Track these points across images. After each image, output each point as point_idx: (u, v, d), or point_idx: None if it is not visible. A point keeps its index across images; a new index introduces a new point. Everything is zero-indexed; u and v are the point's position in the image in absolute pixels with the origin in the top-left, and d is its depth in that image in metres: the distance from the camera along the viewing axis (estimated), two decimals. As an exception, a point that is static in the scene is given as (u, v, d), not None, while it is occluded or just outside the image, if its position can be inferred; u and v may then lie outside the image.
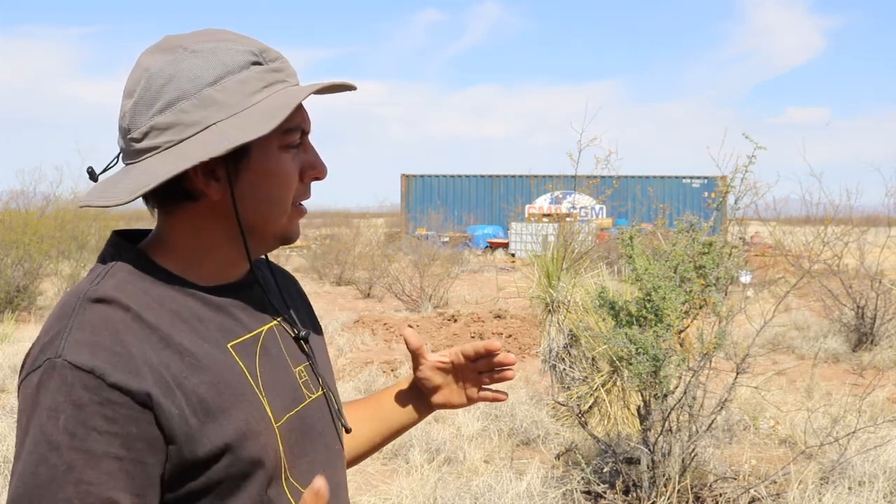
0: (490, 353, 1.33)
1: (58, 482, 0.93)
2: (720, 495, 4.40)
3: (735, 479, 4.70)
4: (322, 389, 1.21)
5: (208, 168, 1.05)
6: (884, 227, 10.15)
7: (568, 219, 8.24)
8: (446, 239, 22.21)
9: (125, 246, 1.10)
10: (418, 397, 1.42)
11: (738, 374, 4.32)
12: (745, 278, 9.67)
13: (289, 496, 1.09)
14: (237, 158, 1.06)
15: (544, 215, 18.09)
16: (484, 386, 1.38)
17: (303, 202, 1.14)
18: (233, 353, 1.07)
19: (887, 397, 6.77)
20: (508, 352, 1.34)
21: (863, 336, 9.17)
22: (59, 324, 0.99)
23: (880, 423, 5.46)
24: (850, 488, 4.43)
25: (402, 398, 1.42)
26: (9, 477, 1.10)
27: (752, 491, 4.43)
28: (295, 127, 1.08)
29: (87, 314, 0.99)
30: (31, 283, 11.86)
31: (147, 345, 0.99)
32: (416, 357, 1.37)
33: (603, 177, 6.56)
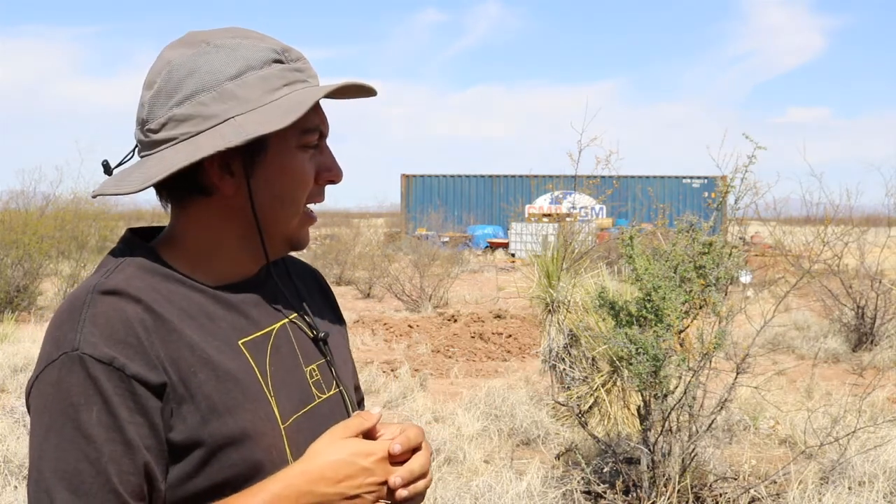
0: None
1: (103, 475, 0.94)
2: (720, 495, 4.40)
3: (735, 479, 4.69)
4: (337, 388, 1.19)
5: (224, 161, 1.06)
6: (884, 227, 10.16)
7: (568, 219, 8.24)
8: (446, 239, 22.22)
9: (137, 243, 1.10)
10: None
11: (738, 374, 4.31)
12: (745, 278, 9.67)
13: None
14: (254, 153, 1.06)
15: (544, 215, 18.08)
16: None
17: (312, 211, 1.15)
18: (244, 350, 1.07)
19: (887, 397, 6.77)
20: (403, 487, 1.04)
21: (863, 336, 9.17)
22: (72, 317, 0.99)
23: (880, 423, 5.46)
24: (850, 488, 4.42)
25: None
26: (21, 476, 1.08)
27: (752, 491, 4.43)
28: (313, 127, 1.09)
29: (99, 306, 0.99)
30: (31, 283, 11.85)
31: (157, 336, 1.00)
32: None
33: (603, 177, 6.56)
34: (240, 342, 1.07)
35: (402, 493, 1.03)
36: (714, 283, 4.06)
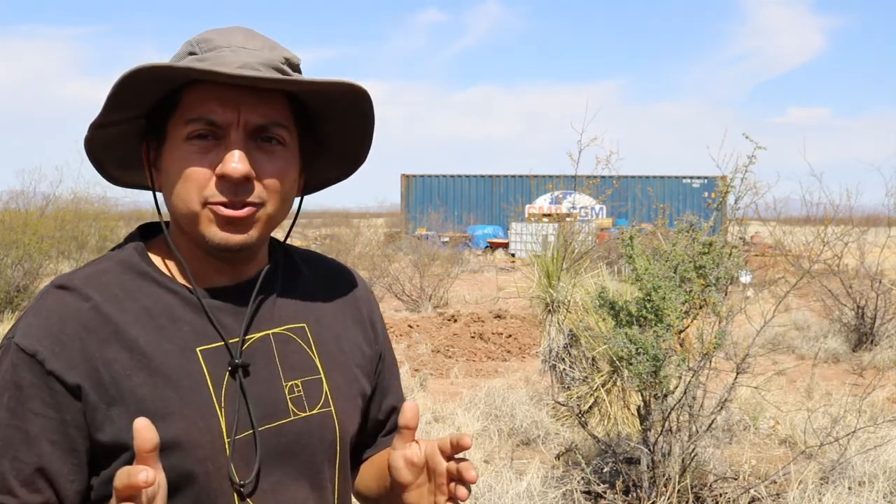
0: (456, 451, 1.06)
1: None
2: (720, 495, 4.40)
3: (735, 479, 4.69)
4: (325, 408, 1.13)
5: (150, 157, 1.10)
6: (884, 227, 10.15)
7: (568, 219, 8.24)
8: (446, 239, 22.21)
9: (134, 238, 1.12)
10: (394, 487, 1.14)
11: (738, 374, 4.31)
12: (745, 278, 9.67)
13: None
14: (159, 144, 1.07)
15: (544, 215, 18.07)
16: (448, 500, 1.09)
17: (224, 209, 1.03)
18: (200, 357, 1.04)
19: (887, 397, 6.77)
20: (474, 469, 1.06)
21: (863, 336, 9.16)
22: (29, 307, 1.04)
23: (880, 423, 5.46)
24: (850, 488, 4.42)
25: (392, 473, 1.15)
26: None
27: (752, 491, 4.43)
28: (196, 117, 1.03)
29: (48, 300, 1.03)
30: (31, 283, 11.84)
31: (94, 336, 1.00)
32: (399, 435, 1.10)
33: (603, 177, 6.56)
34: (198, 349, 1.05)
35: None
36: (714, 283, 4.06)
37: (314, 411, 1.12)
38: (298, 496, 1.10)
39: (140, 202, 22.64)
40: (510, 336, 9.60)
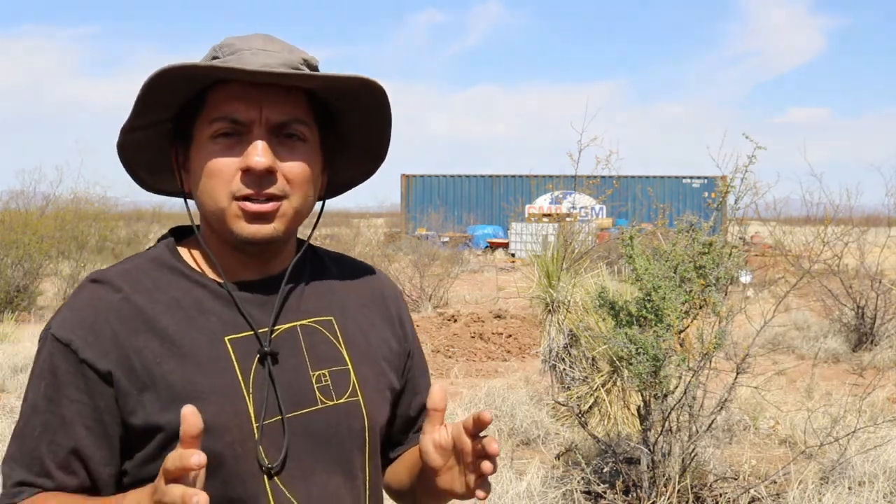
0: (478, 427, 1.07)
1: (35, 439, 1.05)
2: (720, 495, 4.40)
3: (735, 479, 4.69)
4: (353, 398, 1.16)
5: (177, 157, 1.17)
6: (884, 227, 10.15)
7: (568, 219, 8.24)
8: (446, 239, 22.21)
9: (166, 237, 1.20)
10: (426, 472, 1.17)
11: (738, 374, 4.31)
12: (745, 278, 9.66)
13: (270, 497, 1.08)
14: (187, 147, 1.13)
15: (544, 215, 18.06)
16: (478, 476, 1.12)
17: (250, 204, 1.08)
18: (228, 346, 1.09)
19: (887, 397, 6.77)
20: (495, 442, 1.08)
21: (863, 336, 9.16)
22: (67, 300, 1.12)
23: (880, 423, 5.46)
24: (850, 488, 4.42)
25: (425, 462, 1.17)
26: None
27: (752, 491, 4.43)
28: (220, 116, 1.08)
29: (83, 293, 1.10)
30: (31, 283, 11.85)
31: (126, 326, 1.06)
32: (428, 418, 1.13)
33: (603, 177, 6.56)
34: (226, 338, 1.10)
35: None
36: (714, 283, 4.05)
37: (342, 400, 1.15)
38: (330, 483, 1.13)
39: (140, 202, 22.64)
40: (510, 336, 9.60)
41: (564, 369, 5.68)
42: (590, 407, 5.66)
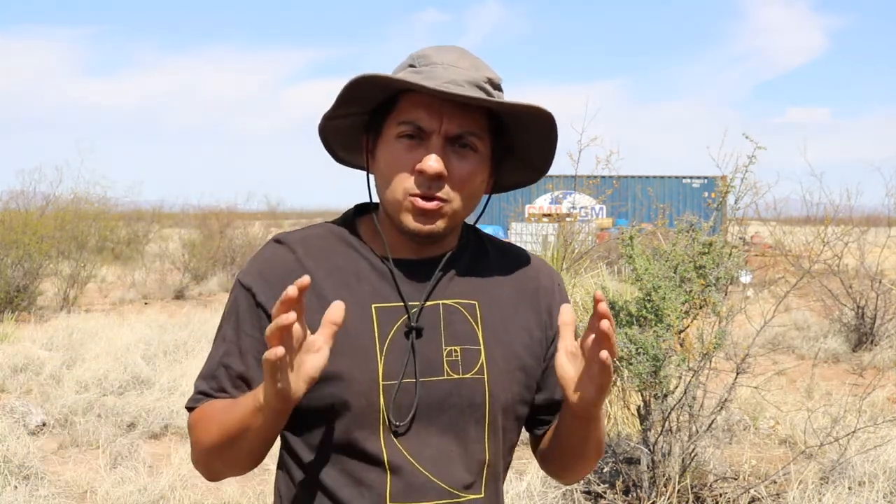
0: (599, 317, 1.14)
1: (217, 361, 1.29)
2: (720, 495, 4.40)
3: (735, 479, 4.70)
4: (479, 375, 1.27)
5: (367, 140, 1.34)
6: (884, 227, 10.15)
7: (568, 219, 8.24)
8: (446, 239, 22.12)
9: (348, 213, 1.38)
10: (564, 410, 1.31)
11: (738, 374, 4.31)
12: (745, 278, 9.65)
13: (384, 451, 1.22)
14: (377, 135, 1.30)
15: (544, 215, 18.04)
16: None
17: (419, 201, 1.23)
18: (373, 312, 1.26)
19: (887, 397, 6.77)
20: (607, 318, 1.13)
21: (863, 336, 9.16)
22: (254, 254, 1.35)
23: (880, 423, 5.45)
24: (850, 488, 4.42)
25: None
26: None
27: (752, 491, 4.43)
28: (407, 120, 1.24)
29: (266, 250, 1.33)
30: (31, 283, 11.83)
31: (293, 280, 1.15)
32: (559, 334, 1.23)
33: (603, 177, 6.56)
34: (373, 305, 1.26)
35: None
36: (714, 283, 4.06)
37: (467, 375, 1.27)
38: (442, 446, 1.25)
39: (139, 202, 22.62)
40: (510, 336, 9.57)
41: (564, 369, 5.67)
42: (590, 407, 5.65)
